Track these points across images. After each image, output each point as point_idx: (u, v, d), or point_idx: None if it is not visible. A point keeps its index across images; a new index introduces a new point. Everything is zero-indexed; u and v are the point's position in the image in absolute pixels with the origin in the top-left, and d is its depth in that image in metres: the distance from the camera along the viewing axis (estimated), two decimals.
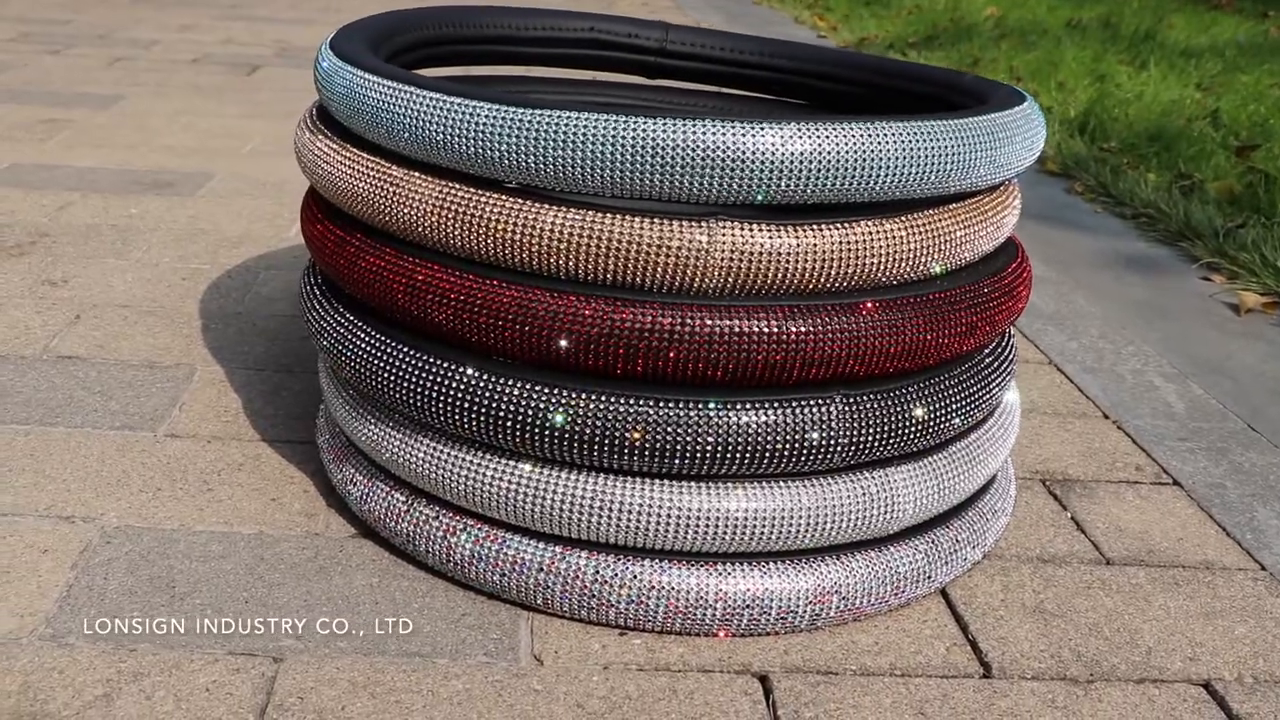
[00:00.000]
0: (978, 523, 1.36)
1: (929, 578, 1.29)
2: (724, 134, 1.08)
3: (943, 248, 1.22)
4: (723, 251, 1.12)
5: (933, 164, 1.16)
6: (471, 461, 1.22)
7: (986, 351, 1.35)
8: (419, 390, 1.21)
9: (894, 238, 1.17)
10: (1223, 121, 3.83)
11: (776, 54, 1.77)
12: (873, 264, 1.17)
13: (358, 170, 1.25)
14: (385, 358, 1.24)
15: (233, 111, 3.40)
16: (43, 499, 1.39)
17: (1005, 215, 1.32)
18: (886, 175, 1.13)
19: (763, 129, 1.09)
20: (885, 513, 1.23)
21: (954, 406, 1.25)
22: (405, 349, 1.23)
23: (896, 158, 1.13)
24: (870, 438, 1.19)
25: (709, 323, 1.12)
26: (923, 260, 1.20)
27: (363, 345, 1.26)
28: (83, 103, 3.40)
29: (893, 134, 1.13)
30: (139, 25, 4.84)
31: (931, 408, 1.23)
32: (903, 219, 1.19)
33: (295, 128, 1.40)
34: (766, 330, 1.13)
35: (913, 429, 1.21)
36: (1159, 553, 1.48)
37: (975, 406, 1.29)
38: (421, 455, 1.25)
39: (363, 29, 1.49)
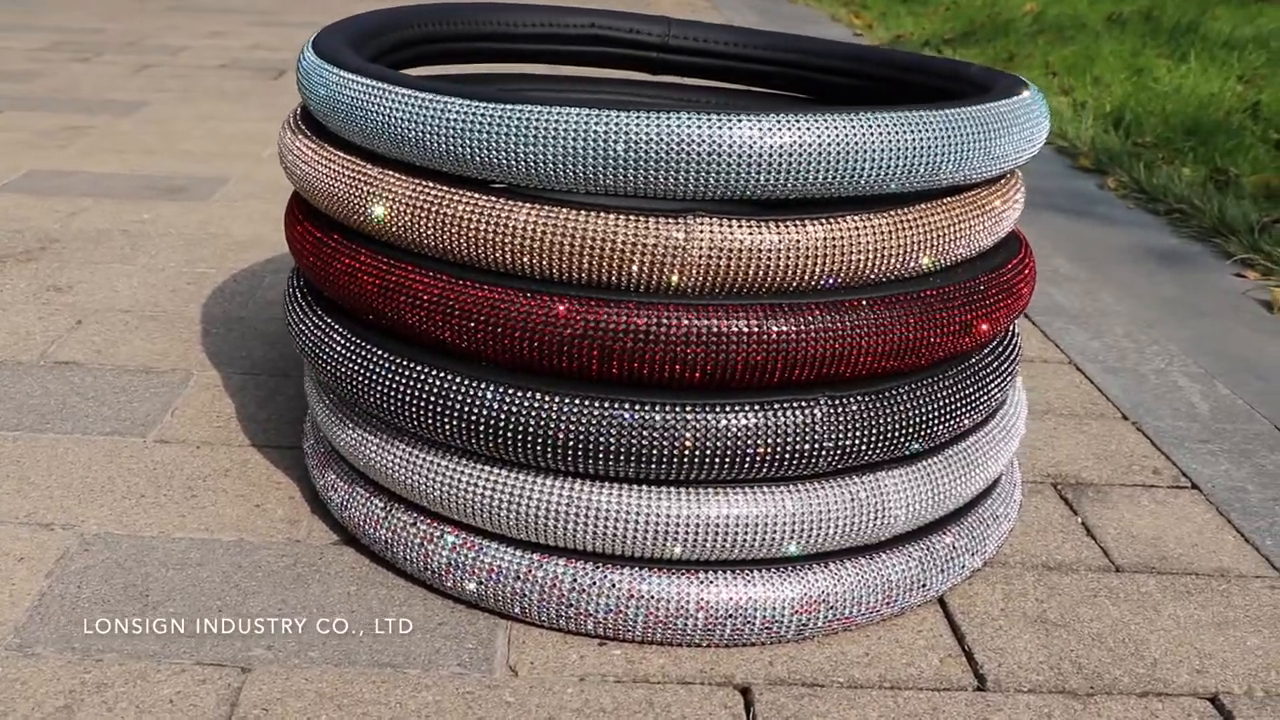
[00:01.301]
0: (978, 529, 1.31)
1: (924, 586, 1.25)
2: (700, 127, 1.05)
3: (935, 243, 1.17)
4: (701, 249, 1.08)
5: (921, 156, 1.11)
6: (447, 467, 1.19)
7: (986, 351, 1.30)
8: (393, 394, 1.18)
9: (882, 233, 1.13)
10: (1263, 114, 3.74)
11: (781, 48, 1.73)
12: (859, 260, 1.12)
13: (334, 169, 1.22)
14: (360, 361, 1.21)
15: (255, 116, 3.40)
16: (24, 506, 1.38)
17: (1005, 209, 1.28)
18: (871, 168, 1.09)
19: (740, 121, 1.05)
20: (876, 519, 1.19)
21: (948, 409, 1.20)
22: (379, 352, 1.20)
23: (882, 150, 1.09)
24: (858, 442, 1.15)
25: (686, 322, 1.09)
26: (914, 256, 1.16)
27: (338, 348, 1.24)
28: (106, 109, 3.41)
29: (877, 125, 1.09)
30: (170, 32, 4.87)
31: (923, 410, 1.18)
32: (891, 213, 1.15)
33: (279, 128, 1.37)
34: (746, 330, 1.09)
35: (904, 431, 1.17)
36: (1171, 559, 1.43)
37: (972, 409, 1.24)
38: (398, 460, 1.23)
39: (348, 27, 1.47)
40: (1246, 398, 1.93)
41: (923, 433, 1.19)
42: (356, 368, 1.21)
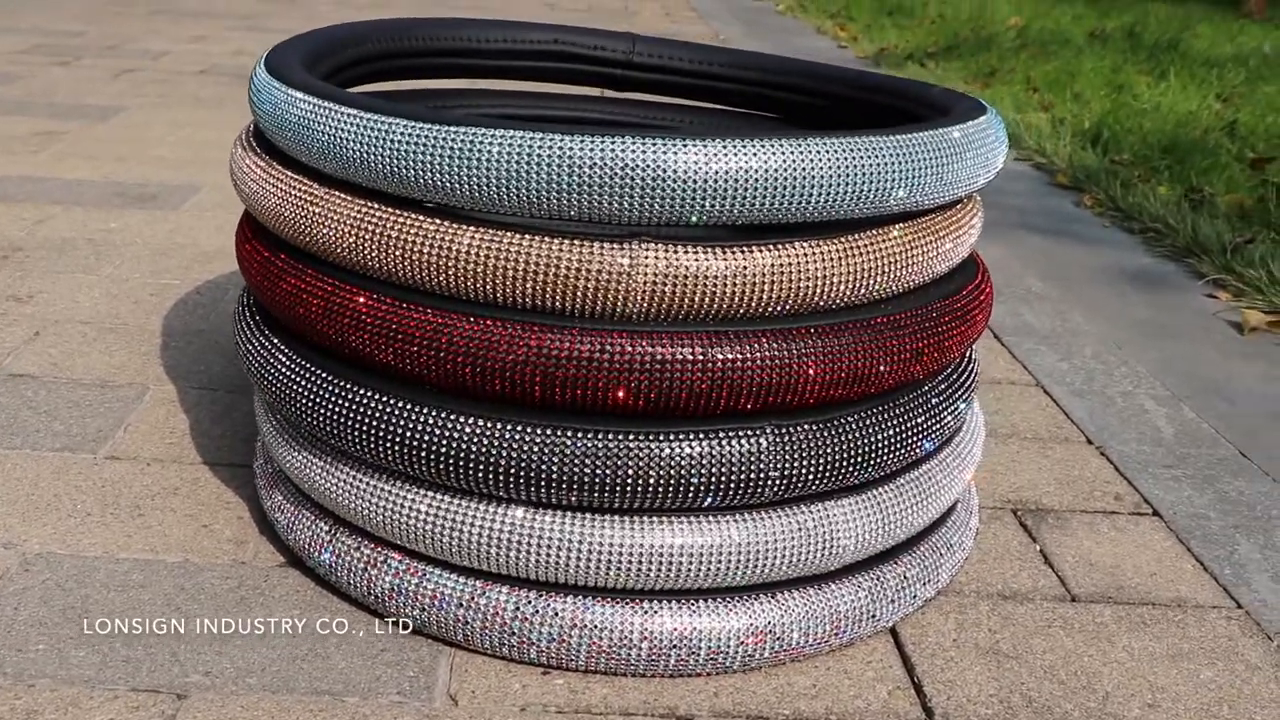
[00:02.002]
0: (930, 558, 1.30)
1: (874, 617, 1.23)
2: (644, 152, 1.03)
3: (887, 270, 1.16)
4: (646, 274, 1.06)
5: (871, 182, 1.10)
6: (390, 491, 1.18)
7: (939, 378, 1.28)
8: (336, 417, 1.16)
9: (831, 260, 1.12)
10: (1240, 133, 3.73)
11: (745, 66, 1.71)
12: (807, 287, 1.11)
13: (281, 188, 1.21)
14: (304, 383, 1.19)
15: (232, 123, 3.38)
16: None
17: (961, 234, 1.26)
18: (820, 194, 1.08)
19: (685, 146, 1.04)
20: (823, 549, 1.17)
21: (899, 437, 1.19)
22: (323, 374, 1.18)
23: (830, 176, 1.07)
24: (804, 471, 1.13)
25: (629, 349, 1.07)
26: (866, 283, 1.14)
27: (283, 369, 1.22)
28: (82, 114, 3.39)
29: (826, 151, 1.07)
30: (151, 37, 4.85)
31: (873, 439, 1.16)
32: (841, 240, 1.13)
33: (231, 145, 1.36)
34: (690, 357, 1.07)
35: (852, 461, 1.15)
36: (1129, 589, 1.41)
37: (924, 436, 1.22)
38: (342, 484, 1.21)
39: (305, 43, 1.45)
40: (1212, 421, 1.91)
41: (872, 462, 1.17)
42: (301, 390, 1.19)
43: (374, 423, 1.14)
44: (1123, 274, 2.69)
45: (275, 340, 1.25)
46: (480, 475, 1.11)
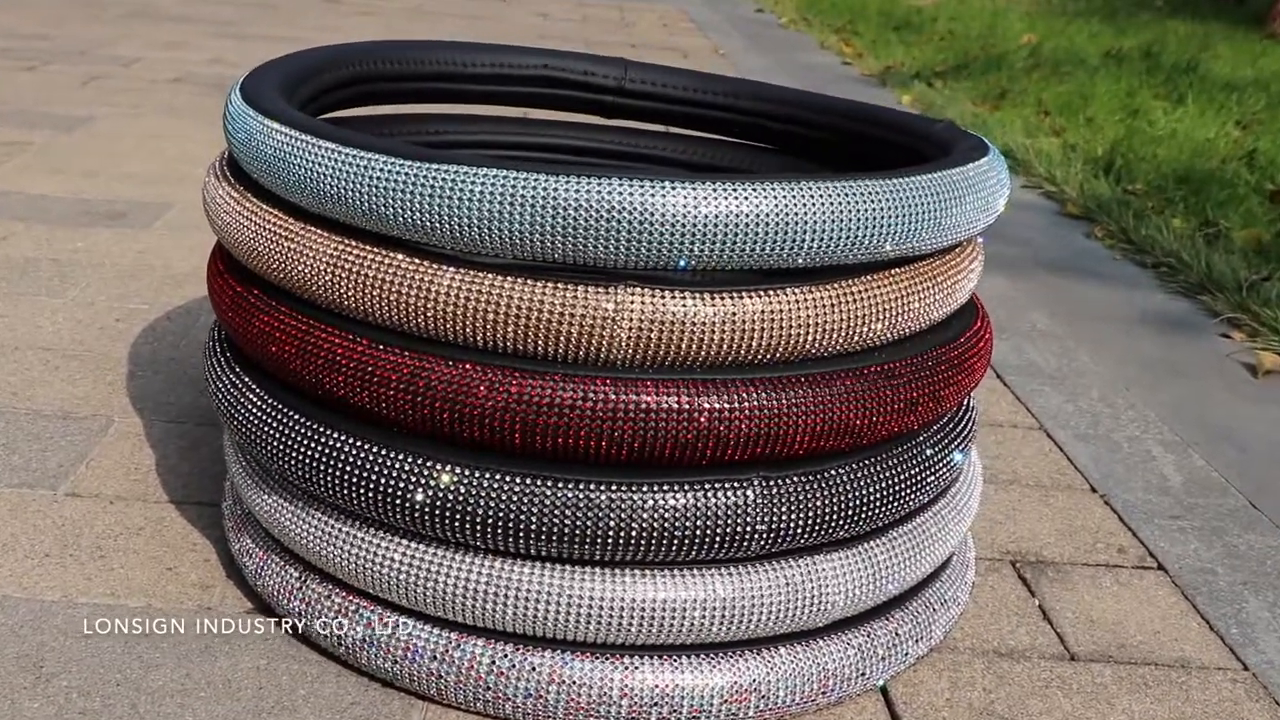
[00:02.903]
0: (923, 614, 1.31)
1: (863, 675, 1.25)
2: (632, 194, 1.05)
3: (882, 317, 1.18)
4: (631, 320, 1.09)
5: (865, 227, 1.12)
6: (363, 539, 1.19)
7: (935, 427, 1.30)
8: (308, 460, 1.18)
9: (823, 306, 1.14)
10: (1259, 163, 3.77)
11: (740, 94, 1.74)
12: (798, 335, 1.13)
13: (256, 222, 1.23)
14: (275, 423, 1.21)
15: (207, 136, 3.40)
16: None
17: (959, 279, 1.29)
18: (812, 240, 1.10)
19: (674, 189, 1.06)
20: (812, 605, 1.19)
21: (892, 490, 1.21)
22: (295, 415, 1.20)
23: (823, 221, 1.10)
24: (792, 524, 1.15)
25: (613, 397, 1.09)
26: (859, 330, 1.17)
27: (253, 409, 1.24)
28: (48, 123, 3.41)
29: (819, 195, 1.10)
30: (124, 41, 4.87)
31: (865, 491, 1.18)
32: (834, 286, 1.15)
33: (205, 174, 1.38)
34: (675, 406, 1.09)
35: (843, 514, 1.17)
36: (1131, 648, 1.43)
37: (918, 489, 1.24)
38: (313, 530, 1.23)
39: (285, 65, 1.47)
40: (1222, 469, 1.94)
41: (863, 515, 1.19)
42: (272, 431, 1.21)
43: (347, 467, 1.16)
44: (1133, 311, 2.72)
45: (246, 379, 1.27)
46: (456, 524, 1.13)
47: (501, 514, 1.12)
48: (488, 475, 1.12)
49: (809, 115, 1.68)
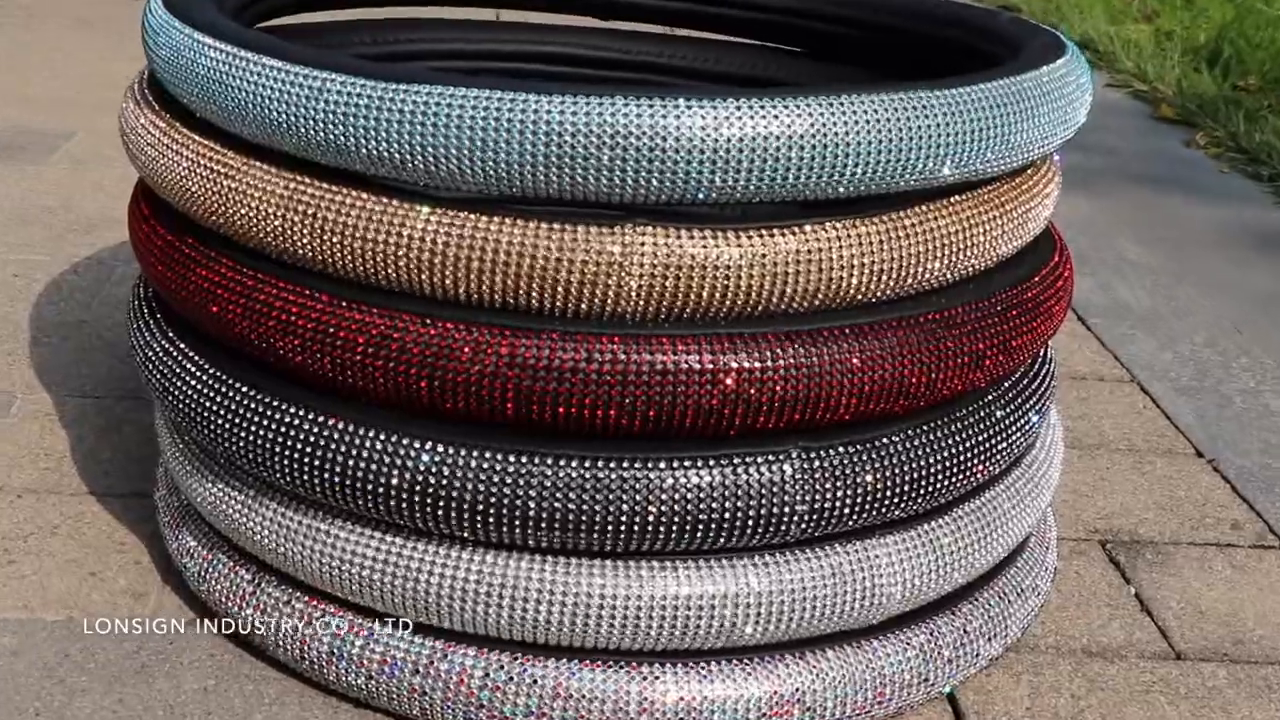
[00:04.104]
0: (996, 607, 1.36)
1: (927, 681, 1.30)
2: (641, 115, 1.08)
3: (940, 254, 1.21)
4: (643, 265, 1.12)
5: (919, 148, 1.15)
6: (329, 532, 1.24)
7: (1006, 384, 1.34)
8: (260, 440, 1.22)
9: (870, 243, 1.17)
10: None
11: None
12: (842, 278, 1.16)
13: (189, 157, 1.26)
14: (219, 398, 1.25)
15: (120, 51, 3.38)
16: None
17: (1032, 206, 1.32)
18: (856, 164, 1.13)
19: (691, 108, 1.09)
20: (864, 598, 1.23)
21: (955, 461, 1.25)
22: (243, 388, 1.24)
23: (869, 141, 1.13)
24: (838, 503, 1.19)
25: (622, 357, 1.13)
26: (914, 271, 1.20)
27: (192, 381, 1.27)
28: None
29: (863, 110, 1.13)
30: None
31: (923, 462, 1.22)
32: (883, 219, 1.19)
33: (122, 96, 1.41)
34: (697, 366, 1.13)
35: (898, 490, 1.21)
36: (1249, 644, 1.47)
37: (987, 458, 1.28)
38: (268, 523, 1.27)
39: None
40: None
41: (923, 491, 1.23)
42: (216, 406, 1.25)
43: (307, 448, 1.19)
44: (1245, 235, 2.75)
45: (182, 345, 1.31)
46: (440, 512, 1.17)
47: (493, 499, 1.15)
48: (475, 453, 1.16)
49: (846, 11, 1.69)
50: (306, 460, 1.20)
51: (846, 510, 1.20)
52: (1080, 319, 2.26)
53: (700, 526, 1.16)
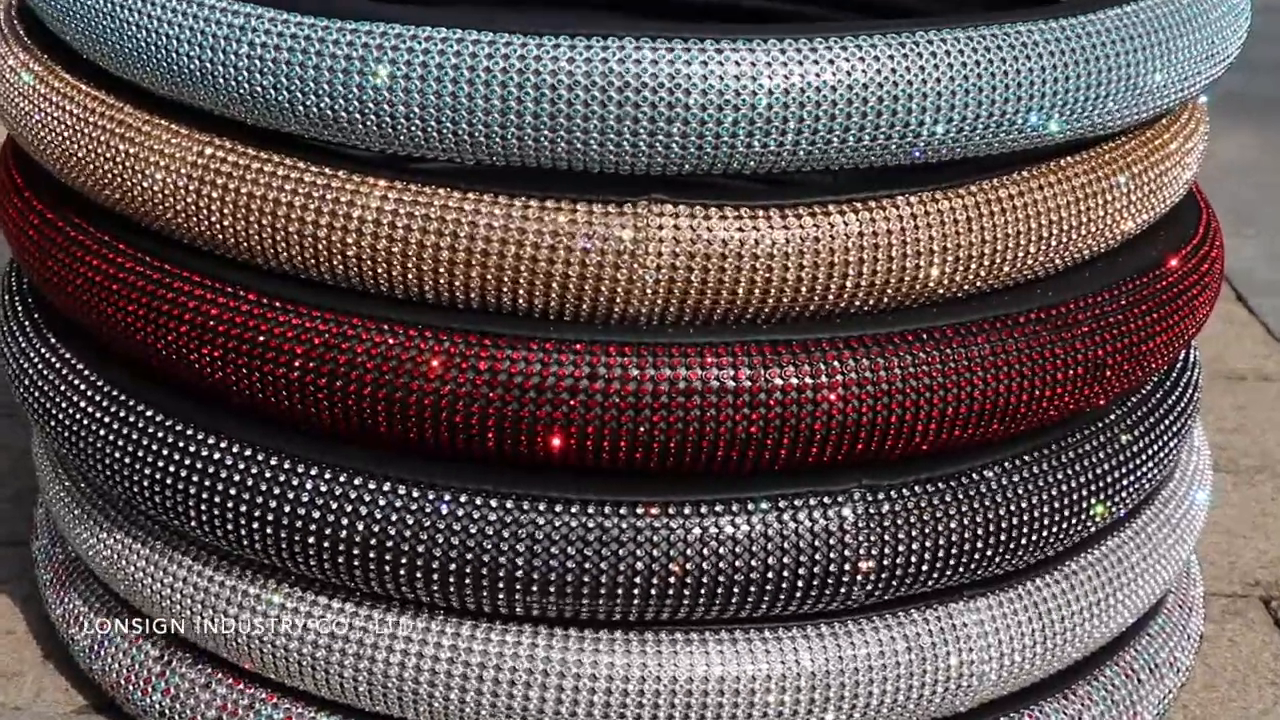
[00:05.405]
0: (1122, 689, 1.39)
1: None
2: (658, 62, 1.11)
3: (1045, 235, 1.24)
4: (661, 254, 1.15)
5: (1017, 99, 1.18)
6: (259, 597, 1.28)
7: (1134, 400, 1.38)
8: (167, 478, 1.26)
9: (953, 223, 1.20)
10: None
11: None
12: (916, 269, 1.20)
13: (73, 112, 1.29)
14: (115, 423, 1.29)
15: None
16: None
17: (1167, 168, 1.35)
18: (934, 122, 1.16)
19: (722, 51, 1.11)
20: (948, 679, 1.27)
21: (1065, 500, 1.28)
22: (147, 411, 1.28)
23: (951, 92, 1.16)
24: (913, 557, 1.23)
25: (635, 373, 1.16)
26: (1010, 257, 1.23)
27: (82, 402, 1.31)
28: None
29: (943, 52, 1.15)
30: None
31: (1024, 503, 1.26)
32: (970, 191, 1.22)
33: None
34: (731, 384, 1.16)
35: (992, 538, 1.25)
36: None
37: (1108, 497, 1.32)
38: (179, 583, 1.31)
39: None
40: None
41: (1024, 541, 1.27)
42: (111, 435, 1.29)
43: (231, 489, 1.23)
44: None
45: (67, 354, 1.35)
46: (402, 573, 1.21)
47: (470, 554, 1.19)
48: (448, 497, 1.20)
49: None
50: (230, 505, 1.23)
51: (925, 566, 1.24)
52: (1240, 298, 2.26)
53: (736, 589, 1.20)
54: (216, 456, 1.24)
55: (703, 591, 1.20)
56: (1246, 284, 2.29)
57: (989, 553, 1.26)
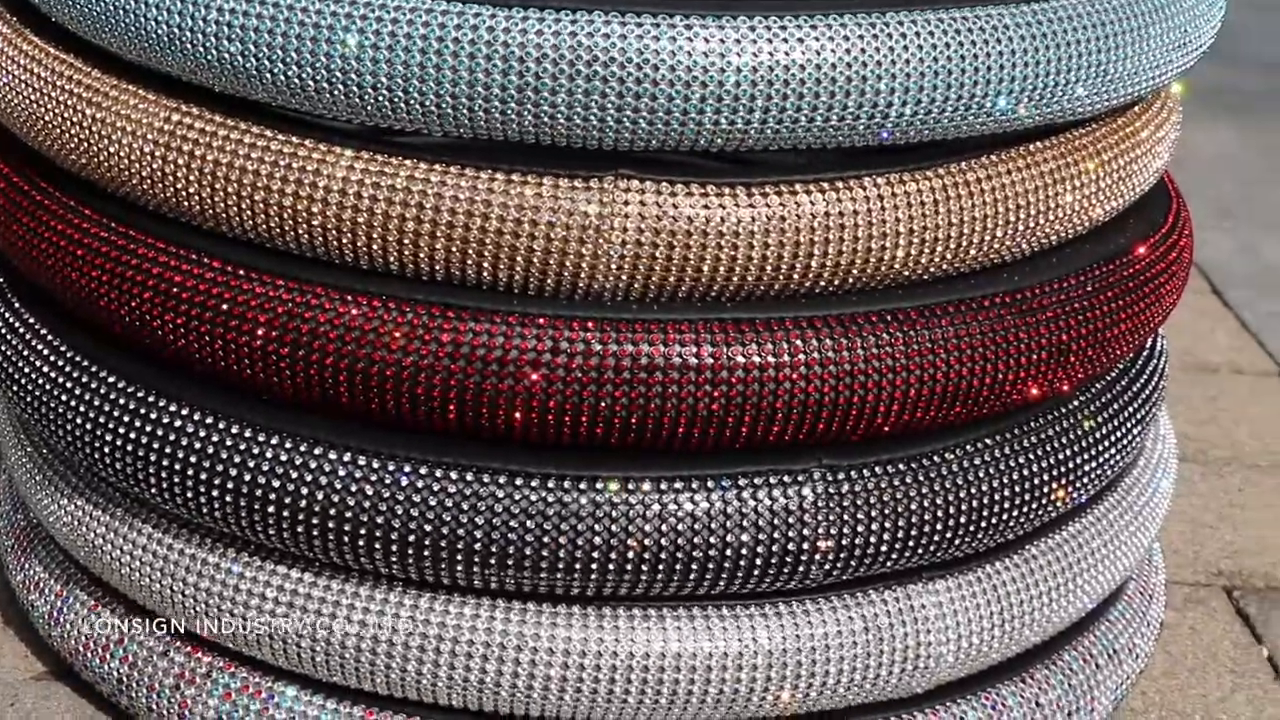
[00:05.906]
0: (1081, 674, 1.40)
1: None
2: (626, 38, 1.12)
3: (1013, 218, 1.25)
4: (626, 230, 1.16)
5: (987, 81, 1.19)
6: (218, 565, 1.29)
7: (1098, 386, 1.39)
8: (130, 446, 1.26)
9: (921, 204, 1.21)
10: None
11: None
12: (883, 249, 1.20)
13: (41, 76, 1.30)
14: (78, 389, 1.30)
15: None
16: None
17: (1137, 155, 1.35)
18: (905, 103, 1.17)
19: (691, 27, 1.12)
20: (906, 661, 1.28)
21: (1024, 483, 1.29)
22: (108, 378, 1.29)
23: (920, 72, 1.17)
24: (873, 537, 1.23)
25: (598, 348, 1.17)
26: (976, 240, 1.24)
27: (44, 367, 1.32)
28: None
29: (913, 33, 1.16)
30: None
31: (982, 486, 1.27)
32: (938, 172, 1.23)
33: None
34: (697, 361, 1.17)
35: (950, 520, 1.26)
36: None
37: (1070, 482, 1.33)
38: (140, 551, 1.32)
39: None
40: None
41: (985, 523, 1.28)
42: (73, 401, 1.30)
43: (192, 456, 1.24)
44: None
45: (30, 319, 1.35)
46: (361, 543, 1.22)
47: (430, 526, 1.20)
48: (409, 468, 1.21)
49: None
50: (191, 473, 1.24)
51: (884, 547, 1.25)
52: (1215, 290, 2.27)
53: (695, 566, 1.21)
54: (178, 424, 1.25)
55: (661, 568, 1.21)
56: (1222, 278, 2.31)
57: (948, 535, 1.27)
